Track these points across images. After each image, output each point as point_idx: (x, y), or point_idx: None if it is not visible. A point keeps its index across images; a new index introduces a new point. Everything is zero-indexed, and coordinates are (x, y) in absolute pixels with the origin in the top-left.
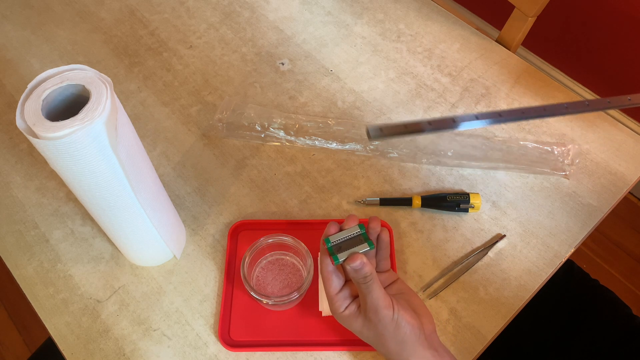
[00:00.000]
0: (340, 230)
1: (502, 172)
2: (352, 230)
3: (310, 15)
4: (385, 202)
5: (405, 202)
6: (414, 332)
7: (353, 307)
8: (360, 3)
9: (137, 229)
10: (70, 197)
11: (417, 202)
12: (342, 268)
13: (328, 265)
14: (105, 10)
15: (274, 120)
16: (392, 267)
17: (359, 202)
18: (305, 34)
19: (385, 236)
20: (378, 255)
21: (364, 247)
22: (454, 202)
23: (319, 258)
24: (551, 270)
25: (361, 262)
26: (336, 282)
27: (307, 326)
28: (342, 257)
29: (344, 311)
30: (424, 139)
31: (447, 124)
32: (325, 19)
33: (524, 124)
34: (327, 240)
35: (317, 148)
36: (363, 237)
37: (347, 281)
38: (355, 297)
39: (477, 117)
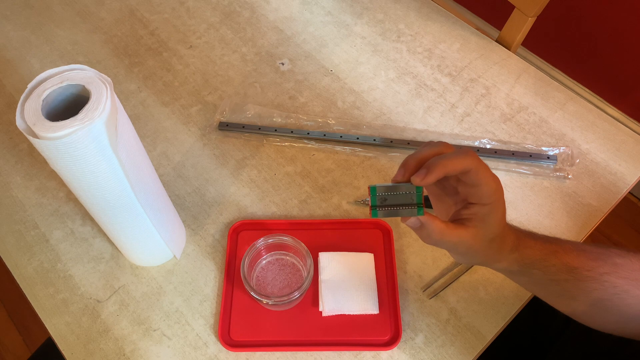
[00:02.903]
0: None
1: (502, 172)
2: (408, 188)
3: (310, 15)
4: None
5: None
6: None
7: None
8: (360, 3)
9: (137, 229)
10: (70, 197)
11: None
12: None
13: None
14: (105, 10)
15: (274, 120)
16: (392, 267)
17: (359, 202)
18: (305, 34)
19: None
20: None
21: (412, 212)
22: None
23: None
24: None
25: (415, 223)
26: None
27: (307, 326)
28: (382, 213)
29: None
30: (424, 138)
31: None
32: (325, 19)
33: (524, 124)
34: (373, 189)
35: (317, 148)
36: (416, 201)
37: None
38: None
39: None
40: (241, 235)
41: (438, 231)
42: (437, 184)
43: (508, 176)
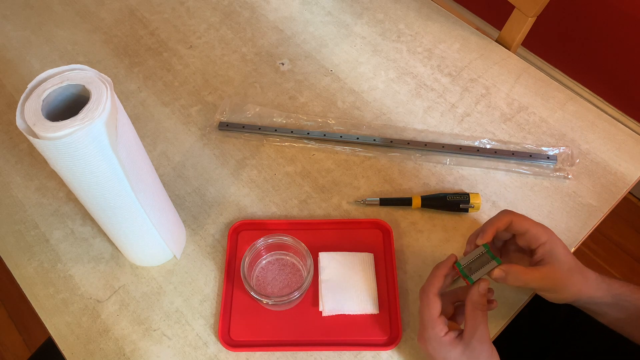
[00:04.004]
0: (465, 254)
1: (502, 172)
2: (477, 250)
3: (310, 15)
4: (385, 202)
5: (405, 202)
6: None
7: (453, 334)
8: (360, 3)
9: (137, 229)
10: (70, 197)
11: (417, 202)
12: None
13: (435, 288)
14: (105, 10)
15: (274, 120)
16: (392, 267)
17: (359, 202)
18: (305, 34)
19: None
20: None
21: (493, 264)
22: (454, 202)
23: (429, 281)
24: None
25: (487, 285)
26: (439, 304)
27: (307, 326)
28: (475, 276)
29: (444, 336)
30: (424, 138)
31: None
32: (325, 19)
33: (524, 124)
34: (458, 264)
35: (317, 148)
36: (490, 256)
37: (443, 312)
38: (449, 327)
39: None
40: (241, 235)
41: (522, 271)
42: (511, 249)
43: (508, 176)
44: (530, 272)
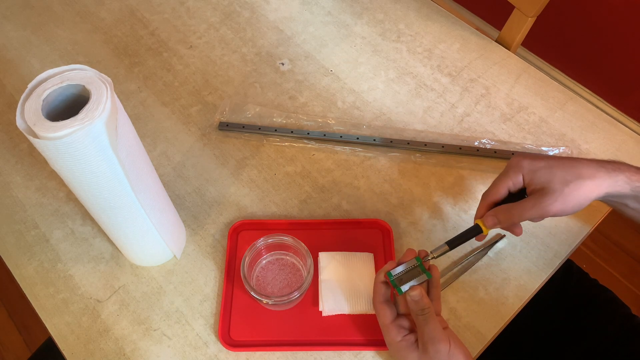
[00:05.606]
0: (398, 264)
1: None
2: (410, 263)
3: (310, 15)
4: (454, 242)
5: (476, 230)
6: None
7: (411, 338)
8: (360, 3)
9: (137, 229)
10: (71, 197)
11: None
12: (395, 302)
13: (380, 296)
14: (105, 10)
15: (274, 120)
16: None
17: (429, 259)
18: (305, 34)
19: (435, 274)
20: (430, 295)
21: (423, 277)
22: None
23: (373, 291)
24: (551, 270)
25: (419, 292)
26: (388, 311)
27: (307, 326)
28: (404, 288)
29: (400, 340)
30: (424, 138)
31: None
32: (325, 19)
33: (524, 124)
34: (389, 274)
35: (317, 148)
36: (421, 269)
37: (405, 315)
38: (411, 330)
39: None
40: (241, 235)
41: (511, 207)
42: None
43: None
44: (519, 205)
